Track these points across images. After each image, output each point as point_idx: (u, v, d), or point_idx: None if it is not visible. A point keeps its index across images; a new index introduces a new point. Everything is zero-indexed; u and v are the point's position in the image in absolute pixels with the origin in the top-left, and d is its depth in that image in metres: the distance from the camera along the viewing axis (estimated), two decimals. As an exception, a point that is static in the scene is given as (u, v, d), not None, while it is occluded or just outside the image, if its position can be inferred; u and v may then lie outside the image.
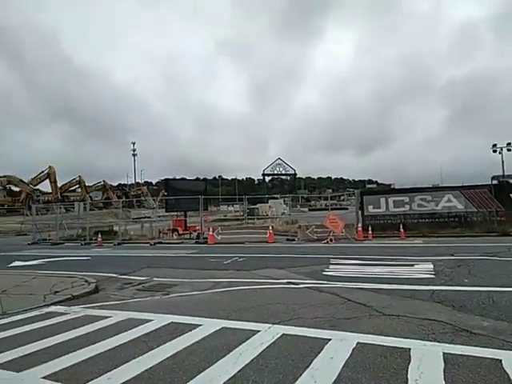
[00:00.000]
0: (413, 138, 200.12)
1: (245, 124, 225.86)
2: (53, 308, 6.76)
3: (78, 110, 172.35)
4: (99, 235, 22.33)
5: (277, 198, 45.29)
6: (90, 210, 30.60)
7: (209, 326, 5.24)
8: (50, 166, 71.59)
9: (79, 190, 77.91)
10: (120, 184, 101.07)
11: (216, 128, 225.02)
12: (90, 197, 72.42)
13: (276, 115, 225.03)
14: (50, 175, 71.33)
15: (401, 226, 18.21)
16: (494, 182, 27.70)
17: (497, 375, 3.35)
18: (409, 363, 3.67)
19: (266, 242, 18.67)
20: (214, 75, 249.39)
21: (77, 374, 3.77)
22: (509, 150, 41.58)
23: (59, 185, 73.79)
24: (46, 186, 75.45)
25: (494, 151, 42.31)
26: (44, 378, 3.69)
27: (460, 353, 3.88)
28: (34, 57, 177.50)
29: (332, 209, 26.83)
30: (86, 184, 77.71)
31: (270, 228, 19.63)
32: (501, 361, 3.64)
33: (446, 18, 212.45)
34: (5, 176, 68.99)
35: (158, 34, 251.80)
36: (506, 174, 39.88)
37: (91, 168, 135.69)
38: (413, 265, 9.86)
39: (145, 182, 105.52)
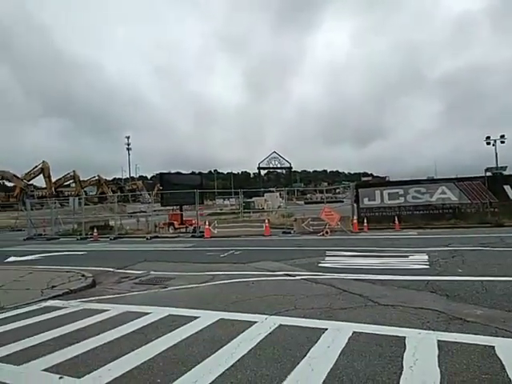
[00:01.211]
0: (408, 130, 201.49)
1: (241, 117, 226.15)
2: (50, 302, 6.77)
3: (73, 104, 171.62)
4: (95, 230, 22.29)
5: (272, 192, 45.40)
6: (85, 204, 30.35)
7: (206, 317, 5.28)
8: (43, 161, 71.04)
9: (73, 184, 77.39)
10: (115, 178, 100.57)
11: (212, 122, 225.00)
12: (85, 191, 72.01)
13: (272, 108, 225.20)
14: (43, 170, 70.77)
15: (396, 218, 18.39)
16: (488, 173, 27.92)
17: (490, 361, 3.43)
18: (404, 351, 3.73)
19: (262, 235, 18.75)
20: (210, 68, 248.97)
21: (77, 365, 3.80)
22: (502, 142, 41.74)
23: (53, 180, 73.30)
24: (40, 181, 74.99)
25: (488, 143, 42.46)
26: (44, 370, 3.72)
27: (454, 340, 3.95)
28: (25, 50, 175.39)
29: (327, 202, 26.96)
30: (81, 179, 77.20)
31: (266, 221, 19.70)
32: (494, 347, 3.72)
33: (443, 9, 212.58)
34: (-2, 171, 68.37)
35: (154, 27, 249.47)
36: (499, 165, 40.17)
37: (86, 163, 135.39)
38: (407, 256, 9.97)
39: (140, 176, 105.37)
